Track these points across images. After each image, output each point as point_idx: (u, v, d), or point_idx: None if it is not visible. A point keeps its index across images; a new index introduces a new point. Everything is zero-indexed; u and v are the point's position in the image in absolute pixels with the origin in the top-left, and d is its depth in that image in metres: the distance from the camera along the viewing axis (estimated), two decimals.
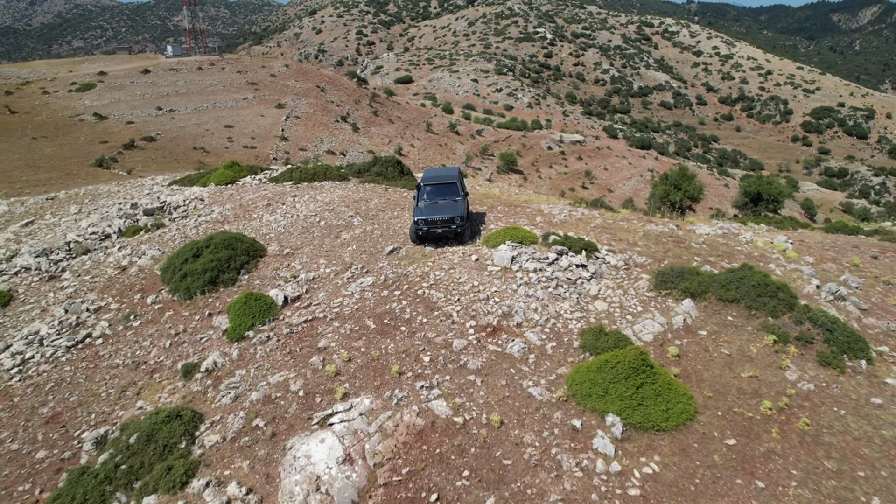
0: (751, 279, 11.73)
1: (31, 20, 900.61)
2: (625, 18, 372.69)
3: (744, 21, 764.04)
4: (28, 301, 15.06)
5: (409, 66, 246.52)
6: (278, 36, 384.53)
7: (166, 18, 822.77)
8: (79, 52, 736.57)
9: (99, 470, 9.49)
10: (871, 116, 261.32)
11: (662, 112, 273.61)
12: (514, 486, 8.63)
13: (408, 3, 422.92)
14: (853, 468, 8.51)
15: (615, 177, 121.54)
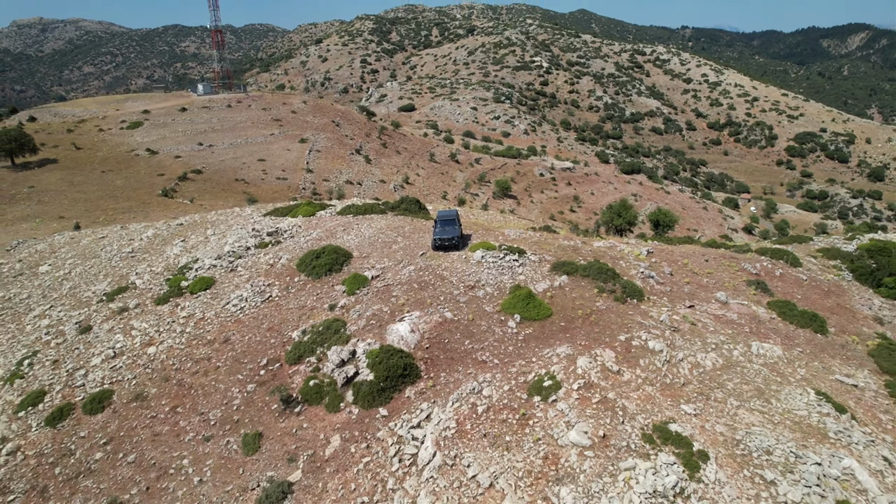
0: (596, 266, 23.69)
1: (42, 46, 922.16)
2: (618, 47, 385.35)
3: (736, 46, 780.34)
4: (223, 283, 26.74)
5: (411, 94, 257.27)
6: (285, 64, 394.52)
7: (174, 44, 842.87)
8: (89, 78, 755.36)
9: (305, 341, 21.27)
10: (851, 141, 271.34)
11: (653, 137, 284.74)
12: (476, 337, 20.35)
13: (410, 33, 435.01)
14: (609, 331, 19.99)
15: (601, 201, 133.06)
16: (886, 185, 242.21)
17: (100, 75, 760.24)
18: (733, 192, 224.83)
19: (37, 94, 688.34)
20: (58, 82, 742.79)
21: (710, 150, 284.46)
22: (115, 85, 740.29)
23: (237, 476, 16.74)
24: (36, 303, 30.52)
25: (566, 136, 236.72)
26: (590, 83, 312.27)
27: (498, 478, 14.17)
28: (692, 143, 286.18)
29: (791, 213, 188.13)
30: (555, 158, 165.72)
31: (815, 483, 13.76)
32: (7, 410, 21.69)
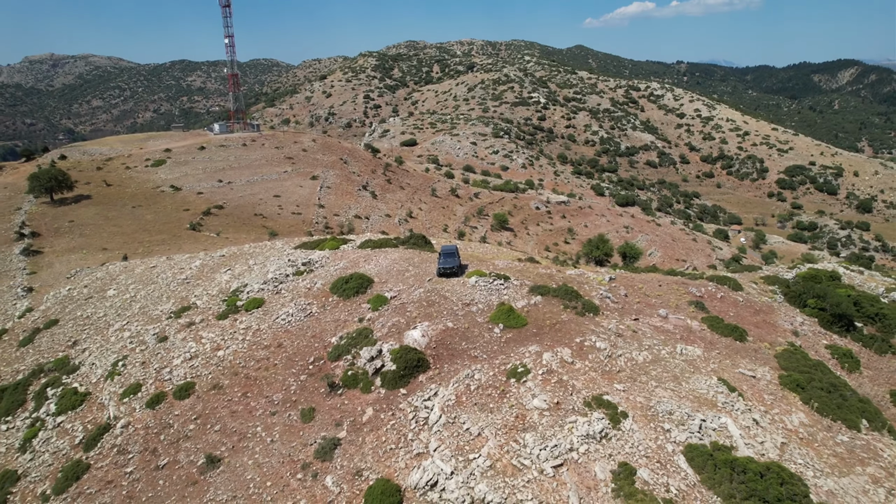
0: (564, 288, 30.65)
1: (52, 81, 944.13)
2: (613, 83, 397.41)
3: (730, 81, 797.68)
4: (271, 302, 33.63)
5: (413, 129, 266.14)
6: (290, 99, 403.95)
7: (180, 79, 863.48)
8: (97, 111, 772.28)
9: (343, 344, 27.98)
10: (839, 174, 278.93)
11: (648, 170, 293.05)
12: (470, 340, 27.00)
13: (411, 69, 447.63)
14: (568, 335, 26.90)
15: (594, 232, 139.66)
16: (874, 216, 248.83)
17: (108, 109, 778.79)
18: (726, 223, 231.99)
19: (46, 127, 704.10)
20: (67, 115, 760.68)
21: (704, 183, 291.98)
22: (122, 118, 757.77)
23: (298, 437, 23.39)
24: (113, 319, 37.46)
25: (563, 169, 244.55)
26: (586, 118, 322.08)
27: (484, 429, 20.88)
28: (686, 176, 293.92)
29: (780, 243, 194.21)
30: (551, 192, 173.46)
31: (697, 431, 20.51)
32: (114, 398, 28.46)
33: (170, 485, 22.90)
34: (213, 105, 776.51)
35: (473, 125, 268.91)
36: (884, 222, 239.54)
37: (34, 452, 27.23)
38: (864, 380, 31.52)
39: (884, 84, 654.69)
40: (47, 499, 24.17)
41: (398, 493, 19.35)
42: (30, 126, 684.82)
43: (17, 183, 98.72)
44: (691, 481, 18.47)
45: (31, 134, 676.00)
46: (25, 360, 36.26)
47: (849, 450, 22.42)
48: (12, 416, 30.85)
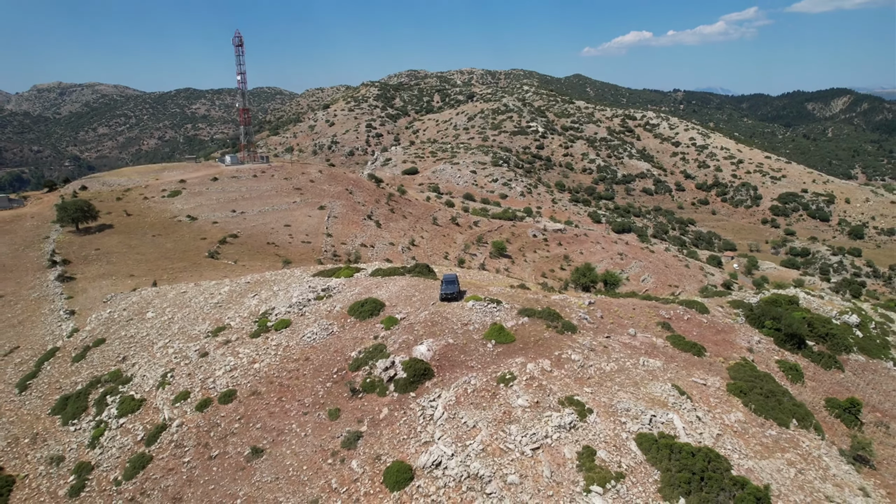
0: (547, 311, 36.09)
1: (59, 109, 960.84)
2: (610, 112, 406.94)
3: (726, 109, 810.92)
4: (297, 323, 38.94)
5: (414, 158, 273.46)
6: (294, 128, 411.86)
7: (185, 106, 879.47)
8: (103, 139, 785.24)
9: (361, 357, 33.34)
10: (831, 201, 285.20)
11: (644, 198, 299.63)
12: (468, 353, 32.17)
13: (413, 98, 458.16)
14: (549, 349, 32.08)
15: (589, 259, 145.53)
16: (866, 242, 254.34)
17: (113, 136, 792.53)
18: (721, 249, 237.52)
19: (52, 154, 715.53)
20: (73, 143, 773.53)
21: (699, 210, 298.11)
22: (127, 145, 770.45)
23: (327, 431, 28.67)
24: (156, 338, 42.92)
25: (560, 197, 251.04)
26: (583, 147, 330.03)
27: (478, 422, 26.20)
28: (681, 203, 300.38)
29: (771, 269, 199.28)
30: (548, 220, 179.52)
31: (648, 423, 25.83)
32: (167, 403, 33.79)
33: (222, 470, 28.13)
34: (217, 133, 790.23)
35: (473, 154, 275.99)
36: (875, 248, 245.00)
37: (103, 448, 32.49)
38: (805, 389, 36.78)
39: (876, 112, 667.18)
40: (119, 483, 29.39)
41: (410, 471, 24.60)
42: (36, 153, 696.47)
43: (43, 213, 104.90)
44: (639, 460, 23.74)
45: (38, 161, 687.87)
46: (81, 374, 41.63)
47: (774, 441, 27.68)
48: (78, 419, 36.15)
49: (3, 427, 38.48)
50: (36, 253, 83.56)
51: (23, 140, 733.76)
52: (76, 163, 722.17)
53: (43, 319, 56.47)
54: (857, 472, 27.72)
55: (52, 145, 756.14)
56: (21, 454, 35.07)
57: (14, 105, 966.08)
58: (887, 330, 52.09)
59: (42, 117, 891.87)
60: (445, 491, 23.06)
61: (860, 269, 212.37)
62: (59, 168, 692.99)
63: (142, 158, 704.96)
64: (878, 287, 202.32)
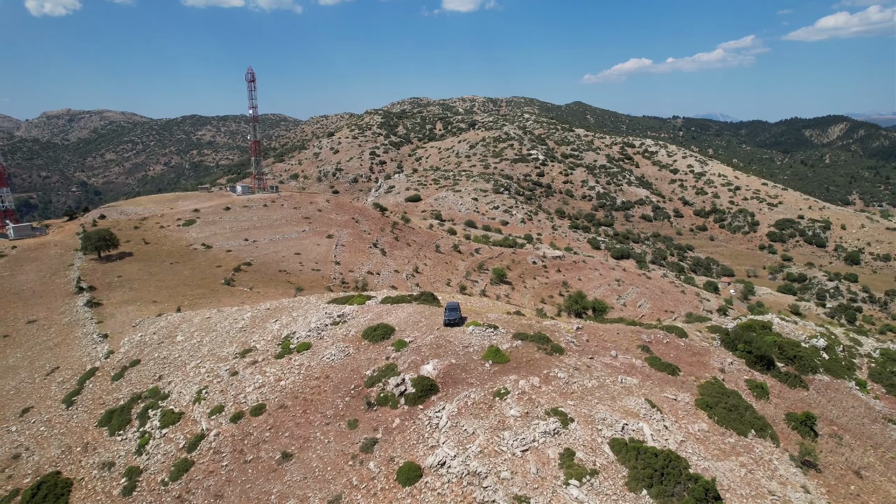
0: (539, 335, 40.76)
1: (68, 135, 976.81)
2: (609, 140, 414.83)
3: (724, 135, 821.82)
4: (317, 346, 43.67)
5: (417, 185, 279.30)
6: (299, 155, 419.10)
7: (191, 133, 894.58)
8: (110, 164, 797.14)
9: (375, 375, 38.04)
10: (827, 227, 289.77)
11: (643, 224, 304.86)
12: (468, 372, 36.87)
13: (415, 126, 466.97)
14: (538, 368, 36.75)
15: (587, 286, 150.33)
16: (862, 268, 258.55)
17: (120, 162, 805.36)
18: (719, 275, 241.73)
19: (60, 180, 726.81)
20: (80, 168, 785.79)
21: (697, 236, 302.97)
22: (134, 171, 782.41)
23: (347, 438, 33.32)
24: (188, 359, 47.75)
25: (560, 224, 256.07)
26: (583, 174, 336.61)
27: (477, 430, 30.89)
28: (680, 230, 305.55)
29: (767, 295, 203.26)
30: (548, 247, 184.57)
31: (621, 430, 30.49)
32: (204, 416, 38.51)
33: (256, 472, 32.75)
34: (222, 159, 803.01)
35: (475, 181, 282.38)
36: (871, 274, 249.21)
37: (149, 454, 37.13)
38: (769, 405, 41.31)
39: (872, 139, 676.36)
40: (166, 484, 33.99)
41: (419, 470, 29.24)
42: (45, 179, 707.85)
43: (65, 241, 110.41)
44: (611, 459, 28.38)
45: (46, 186, 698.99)
46: (122, 391, 46.38)
47: (731, 447, 32.27)
48: (123, 430, 40.82)
49: (55, 437, 43.10)
50: (62, 279, 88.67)
51: (32, 166, 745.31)
52: (83, 188, 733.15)
53: (77, 342, 61.32)
54: (803, 474, 32.21)
55: (60, 171, 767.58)
56: (75, 461, 39.64)
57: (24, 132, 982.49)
58: (854, 353, 56.62)
59: (51, 143, 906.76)
60: (449, 485, 27.67)
61: (856, 295, 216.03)
62: (66, 193, 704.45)
63: (148, 184, 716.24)
64: (874, 312, 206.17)
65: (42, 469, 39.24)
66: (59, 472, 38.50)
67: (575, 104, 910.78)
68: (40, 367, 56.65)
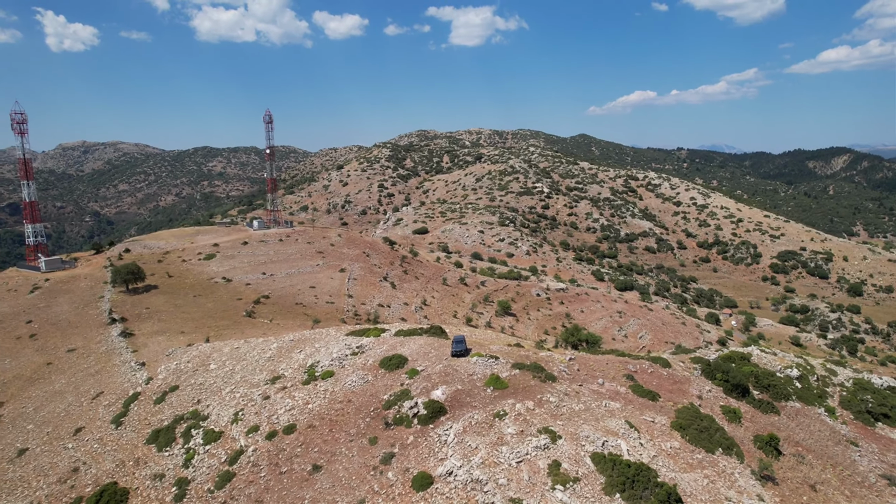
0: (534, 364, 46.30)
1: (83, 166, 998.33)
2: (613, 173, 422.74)
3: (728, 167, 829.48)
4: (339, 373, 49.28)
5: (425, 218, 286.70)
6: (309, 187, 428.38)
7: (202, 164, 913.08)
8: (123, 195, 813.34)
9: (391, 399, 43.61)
10: (829, 259, 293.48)
11: (647, 256, 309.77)
12: (472, 396, 42.77)
13: (423, 159, 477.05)
14: (533, 394, 42.18)
15: (589, 318, 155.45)
16: (865, 299, 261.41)
17: (133, 192, 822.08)
18: (722, 306, 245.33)
19: (74, 210, 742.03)
20: (94, 199, 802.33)
21: (700, 268, 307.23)
22: (146, 201, 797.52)
23: (369, 453, 38.88)
24: (222, 385, 53.61)
25: (565, 255, 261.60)
26: (587, 206, 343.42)
27: (479, 445, 36.46)
28: (683, 261, 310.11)
29: (769, 326, 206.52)
30: (552, 279, 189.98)
31: (601, 446, 36.00)
32: (241, 434, 44.22)
33: (291, 481, 38.32)
34: (232, 190, 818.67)
35: (481, 214, 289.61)
36: (874, 305, 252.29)
37: (195, 468, 42.78)
38: (740, 428, 46.55)
39: (876, 170, 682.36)
40: (212, 492, 39.58)
41: (430, 478, 34.78)
42: (59, 209, 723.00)
43: (94, 273, 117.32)
44: (591, 469, 33.84)
45: (60, 216, 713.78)
46: (164, 413, 52.20)
47: (698, 462, 37.60)
48: (170, 447, 46.52)
49: (108, 453, 48.74)
50: (95, 311, 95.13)
51: (47, 196, 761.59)
52: (96, 218, 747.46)
53: (117, 369, 67.34)
54: (761, 486, 37.40)
55: (74, 201, 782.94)
56: (129, 473, 45.21)
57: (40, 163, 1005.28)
58: (828, 382, 61.76)
59: (66, 174, 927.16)
60: (455, 491, 33.19)
61: (859, 326, 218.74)
62: (80, 223, 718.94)
63: (159, 214, 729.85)
64: (877, 343, 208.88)
65: (100, 480, 44.91)
66: (116, 482, 44.08)
67: (580, 136, 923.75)
68: (85, 391, 62.61)
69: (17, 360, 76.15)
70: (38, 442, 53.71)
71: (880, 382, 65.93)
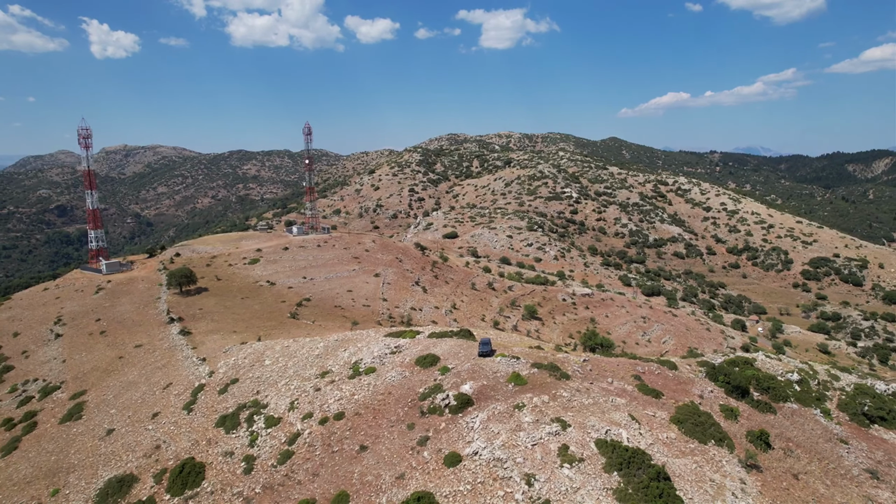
0: (551, 364, 52.56)
1: (124, 169, 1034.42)
2: (642, 178, 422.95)
3: (763, 170, 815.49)
4: (380, 370, 56.64)
5: (454, 223, 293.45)
6: (341, 191, 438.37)
7: (237, 167, 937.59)
8: (162, 197, 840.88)
9: (426, 391, 50.78)
10: (864, 266, 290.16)
11: (675, 261, 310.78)
12: (496, 391, 49.41)
13: (453, 164, 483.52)
14: (549, 390, 48.46)
15: (614, 322, 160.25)
16: None
17: (171, 195, 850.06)
18: (750, 312, 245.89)
19: (117, 212, 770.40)
20: (135, 201, 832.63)
21: (730, 273, 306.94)
22: (183, 204, 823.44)
23: (407, 436, 45.88)
24: (277, 378, 61.40)
25: (592, 261, 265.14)
26: (616, 211, 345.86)
27: (501, 431, 43.14)
28: (712, 267, 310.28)
29: (796, 333, 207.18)
30: (578, 284, 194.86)
31: (604, 433, 42.34)
32: (297, 420, 51.77)
33: (342, 458, 45.61)
34: (266, 192, 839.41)
35: (510, 219, 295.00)
36: None
37: (259, 447, 50.50)
38: (736, 424, 52.14)
39: None
40: (275, 466, 47.17)
41: (459, 457, 41.60)
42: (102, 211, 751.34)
43: (149, 276, 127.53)
44: (594, 452, 40.21)
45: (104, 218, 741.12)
46: (228, 402, 60.26)
47: (690, 450, 43.57)
48: (236, 430, 54.44)
49: (184, 434, 56.95)
50: (154, 311, 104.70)
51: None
52: (137, 220, 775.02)
53: (180, 364, 75.98)
54: (745, 472, 43.17)
55: (116, 203, 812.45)
56: (203, 450, 53.19)
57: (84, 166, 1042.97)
58: (829, 386, 66.47)
59: (109, 177, 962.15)
60: (480, 467, 39.96)
61: (892, 335, 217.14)
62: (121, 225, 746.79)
63: (196, 216, 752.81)
64: None
65: (180, 455, 53.02)
66: (193, 458, 52.07)
67: (610, 139, 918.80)
68: (155, 382, 71.32)
69: (91, 353, 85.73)
70: (122, 423, 62.40)
71: (884, 388, 70.16)
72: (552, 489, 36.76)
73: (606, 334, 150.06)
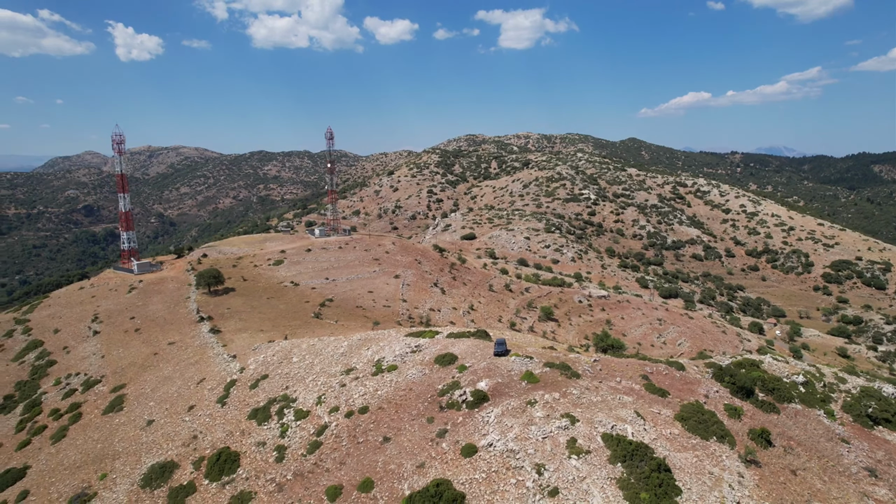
0: (563, 364, 55.66)
1: (147, 170, 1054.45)
2: (661, 179, 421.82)
3: (785, 171, 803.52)
4: (401, 367, 60.18)
5: (472, 224, 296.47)
6: (360, 192, 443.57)
7: (258, 168, 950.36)
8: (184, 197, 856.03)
9: (445, 388, 54.15)
10: (888, 269, 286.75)
11: (694, 263, 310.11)
12: (510, 388, 52.79)
13: (471, 165, 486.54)
14: (560, 387, 51.64)
15: (629, 324, 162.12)
16: None
17: (193, 195, 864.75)
18: (769, 315, 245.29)
19: (141, 212, 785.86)
20: (158, 201, 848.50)
21: (749, 276, 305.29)
22: (205, 204, 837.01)
23: (427, 429, 49.44)
24: (305, 375, 65.41)
25: (610, 262, 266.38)
26: (634, 213, 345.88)
27: (514, 424, 46.47)
28: (731, 269, 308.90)
29: (815, 336, 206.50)
30: (595, 286, 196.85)
31: (611, 428, 45.47)
32: (325, 413, 55.66)
33: (366, 449, 49.32)
34: (286, 193, 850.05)
35: (527, 220, 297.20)
36: None
37: (289, 438, 54.49)
38: (738, 423, 54.79)
39: None
40: (305, 455, 51.08)
41: (475, 448, 45.03)
42: None
43: (179, 276, 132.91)
44: (600, 445, 43.36)
45: None
46: (259, 396, 64.46)
47: (692, 445, 46.47)
48: (267, 422, 58.54)
49: (218, 426, 61.25)
50: (184, 309, 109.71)
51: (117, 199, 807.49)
52: (160, 219, 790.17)
53: (212, 360, 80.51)
54: (744, 467, 45.95)
55: (140, 203, 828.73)
56: (237, 441, 57.38)
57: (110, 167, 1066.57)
58: (835, 388, 68.59)
59: (133, 178, 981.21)
60: (494, 457, 43.37)
61: None
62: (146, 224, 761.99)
63: (218, 216, 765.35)
64: None
65: (216, 445, 57.28)
66: (228, 447, 56.27)
67: (630, 140, 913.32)
68: (189, 377, 75.90)
69: (128, 350, 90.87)
70: (160, 415, 67.00)
71: (892, 391, 72.04)
72: (560, 478, 40.04)
73: (622, 336, 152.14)
